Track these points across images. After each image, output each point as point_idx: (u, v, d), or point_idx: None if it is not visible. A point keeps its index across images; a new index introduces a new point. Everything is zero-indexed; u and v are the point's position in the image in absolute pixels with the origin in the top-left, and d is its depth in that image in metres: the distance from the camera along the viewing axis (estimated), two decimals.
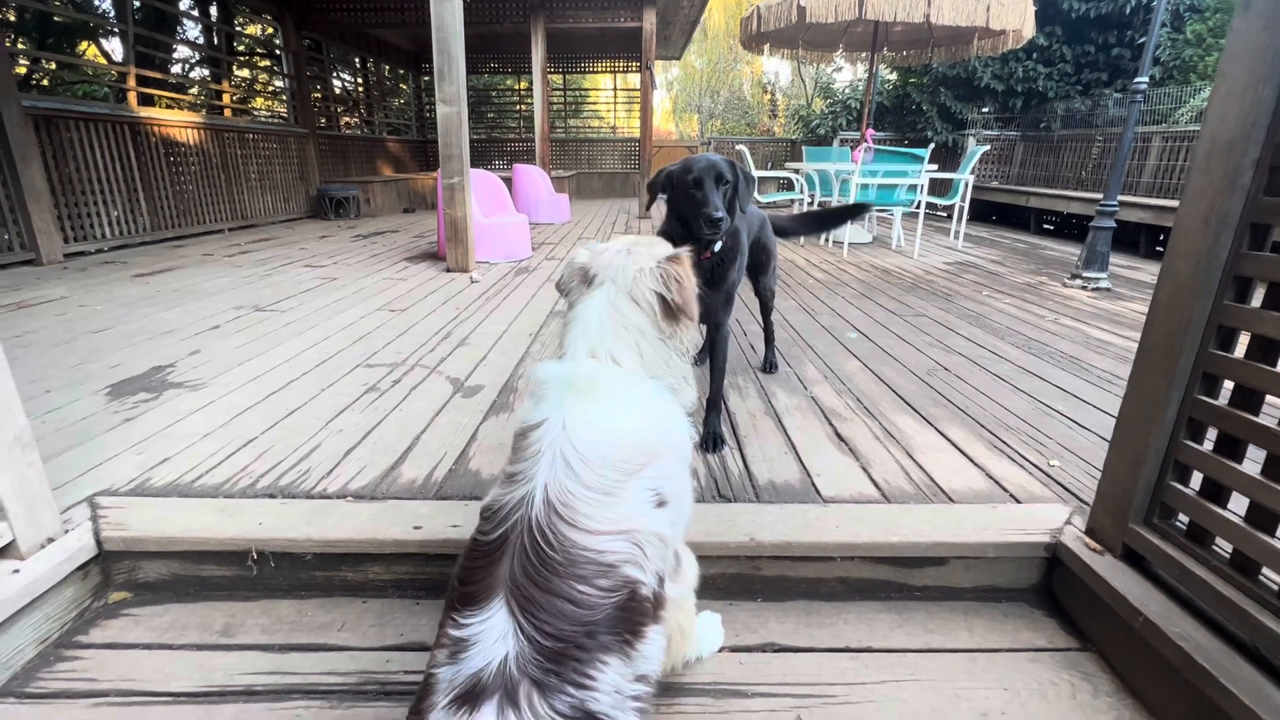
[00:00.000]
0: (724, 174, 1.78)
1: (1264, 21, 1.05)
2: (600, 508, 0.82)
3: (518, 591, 0.75)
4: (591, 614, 0.75)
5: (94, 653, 1.34)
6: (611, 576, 0.78)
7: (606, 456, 0.86)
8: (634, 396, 0.97)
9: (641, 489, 0.87)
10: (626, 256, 1.08)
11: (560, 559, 0.77)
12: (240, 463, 1.79)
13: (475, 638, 0.72)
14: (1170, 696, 1.16)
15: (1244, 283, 1.13)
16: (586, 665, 0.72)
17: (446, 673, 0.72)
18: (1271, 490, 1.05)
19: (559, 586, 0.75)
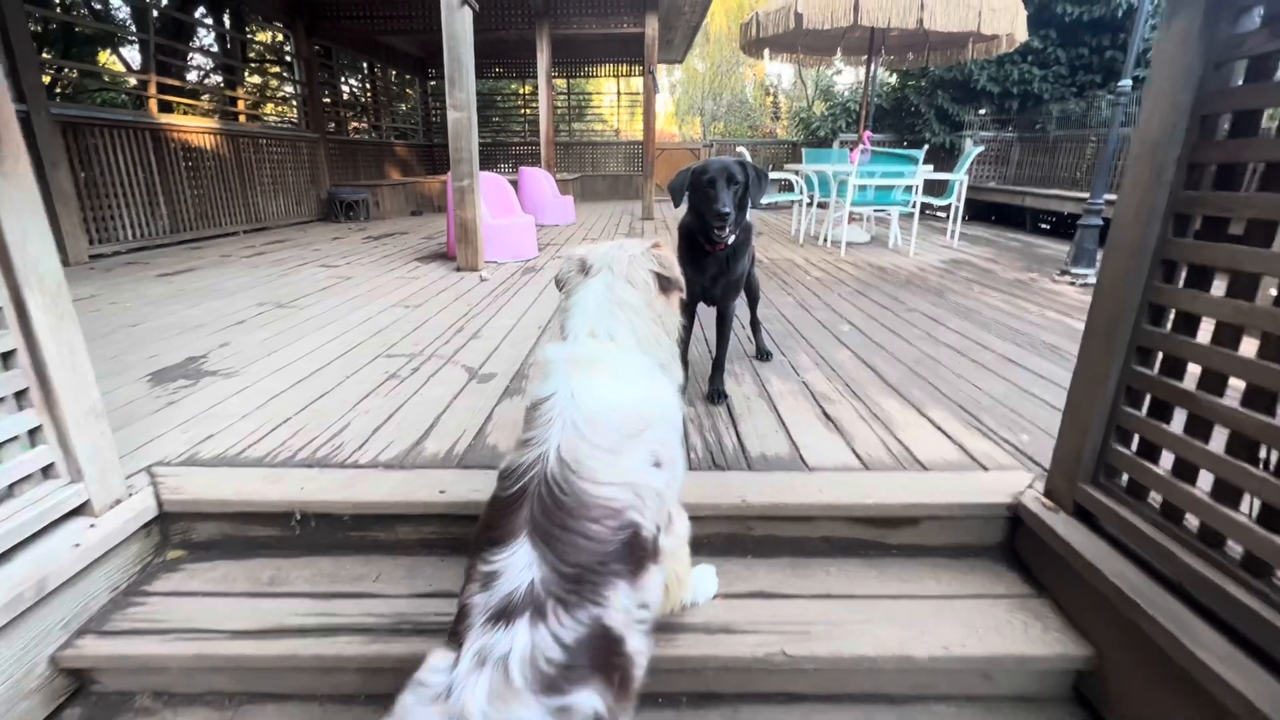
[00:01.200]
0: (735, 175, 2.00)
1: (1181, 39, 1.21)
2: (606, 463, 0.95)
3: (538, 530, 0.87)
4: (604, 547, 0.89)
5: (158, 599, 1.52)
6: (618, 519, 0.92)
7: (610, 421, 1.00)
8: (631, 371, 1.11)
9: (641, 450, 1.02)
10: (619, 249, 1.25)
11: (574, 504, 0.90)
12: (278, 439, 1.96)
13: (504, 569, 0.85)
14: (1106, 627, 1.32)
15: (1170, 266, 1.28)
16: (601, 588, 0.85)
17: (481, 599, 0.84)
18: (1192, 446, 1.21)
19: (575, 525, 0.89)
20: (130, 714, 1.39)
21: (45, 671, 1.35)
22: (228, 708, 1.40)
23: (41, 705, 1.35)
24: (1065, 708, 1.39)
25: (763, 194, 2.06)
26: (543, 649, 0.76)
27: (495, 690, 0.72)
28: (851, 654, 1.35)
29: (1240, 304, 1.13)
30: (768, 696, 1.40)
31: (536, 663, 0.75)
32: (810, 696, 1.40)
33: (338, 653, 1.36)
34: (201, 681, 1.43)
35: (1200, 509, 1.19)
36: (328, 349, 2.88)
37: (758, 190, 2.03)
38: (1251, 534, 1.09)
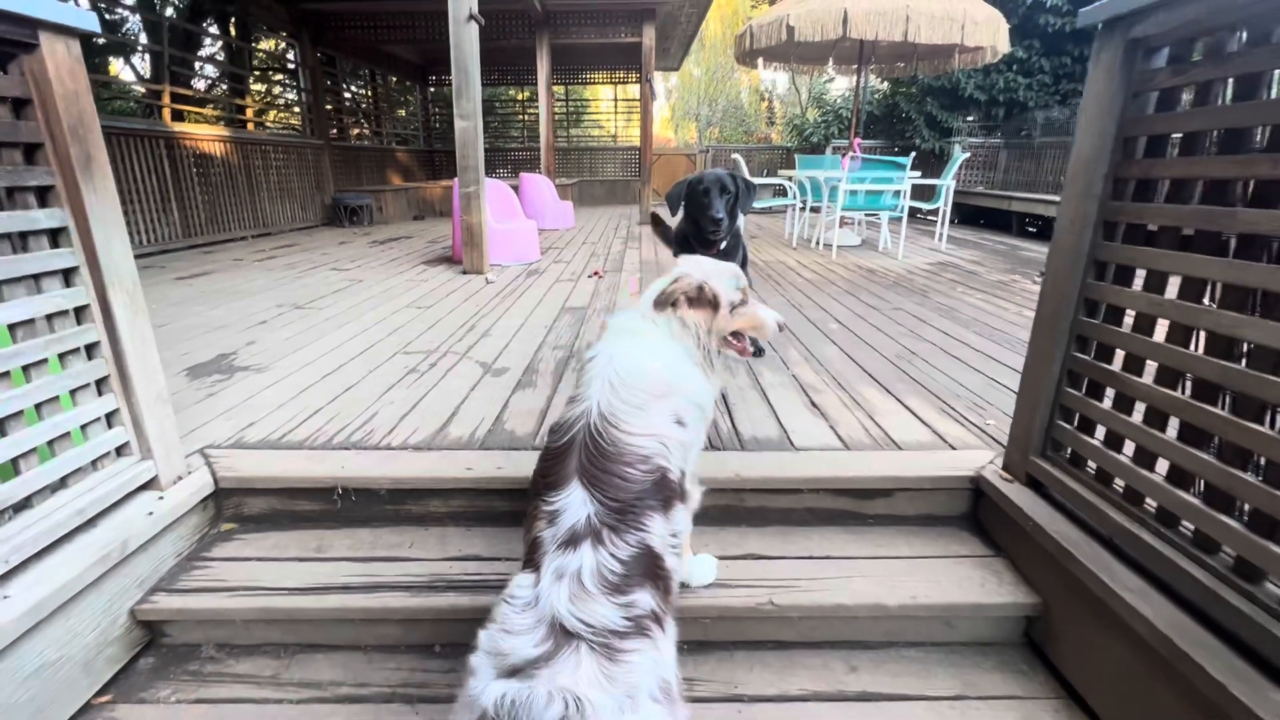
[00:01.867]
0: (727, 185, 2.24)
1: (1106, 71, 1.42)
2: (635, 417, 1.15)
3: (586, 474, 1.07)
4: (639, 486, 1.08)
5: (219, 563, 1.71)
6: (648, 463, 1.11)
7: (639, 383, 1.19)
8: (662, 347, 1.30)
9: (665, 409, 1.20)
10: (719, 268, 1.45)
11: (612, 451, 1.10)
12: (314, 426, 2.16)
13: (564, 507, 1.04)
14: (1050, 578, 1.52)
15: (1101, 266, 1.49)
16: (641, 517, 1.04)
17: (549, 532, 1.03)
18: (1117, 419, 1.42)
19: (614, 468, 1.08)
20: (197, 662, 1.58)
21: (126, 622, 1.54)
22: (284, 657, 1.59)
23: (122, 652, 1.54)
24: (1017, 651, 1.59)
25: (751, 203, 2.28)
26: (606, 564, 0.97)
27: (574, 594, 0.93)
28: (831, 603, 1.55)
29: (1153, 297, 1.34)
30: (758, 644, 1.60)
31: (602, 574, 0.96)
32: (796, 644, 1.61)
33: (382, 605, 1.55)
34: (259, 634, 1.62)
35: (1125, 473, 1.40)
36: (349, 346, 3.07)
37: (747, 200, 2.25)
38: (1164, 492, 1.30)
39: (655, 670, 0.92)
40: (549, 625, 0.90)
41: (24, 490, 1.38)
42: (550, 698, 0.80)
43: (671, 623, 1.04)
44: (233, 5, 7.95)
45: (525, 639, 0.90)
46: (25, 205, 1.37)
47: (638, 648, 0.91)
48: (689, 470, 1.27)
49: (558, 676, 0.84)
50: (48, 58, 1.35)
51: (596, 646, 0.88)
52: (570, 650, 0.87)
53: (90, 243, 1.48)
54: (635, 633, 0.92)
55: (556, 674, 0.85)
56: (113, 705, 1.45)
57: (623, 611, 0.93)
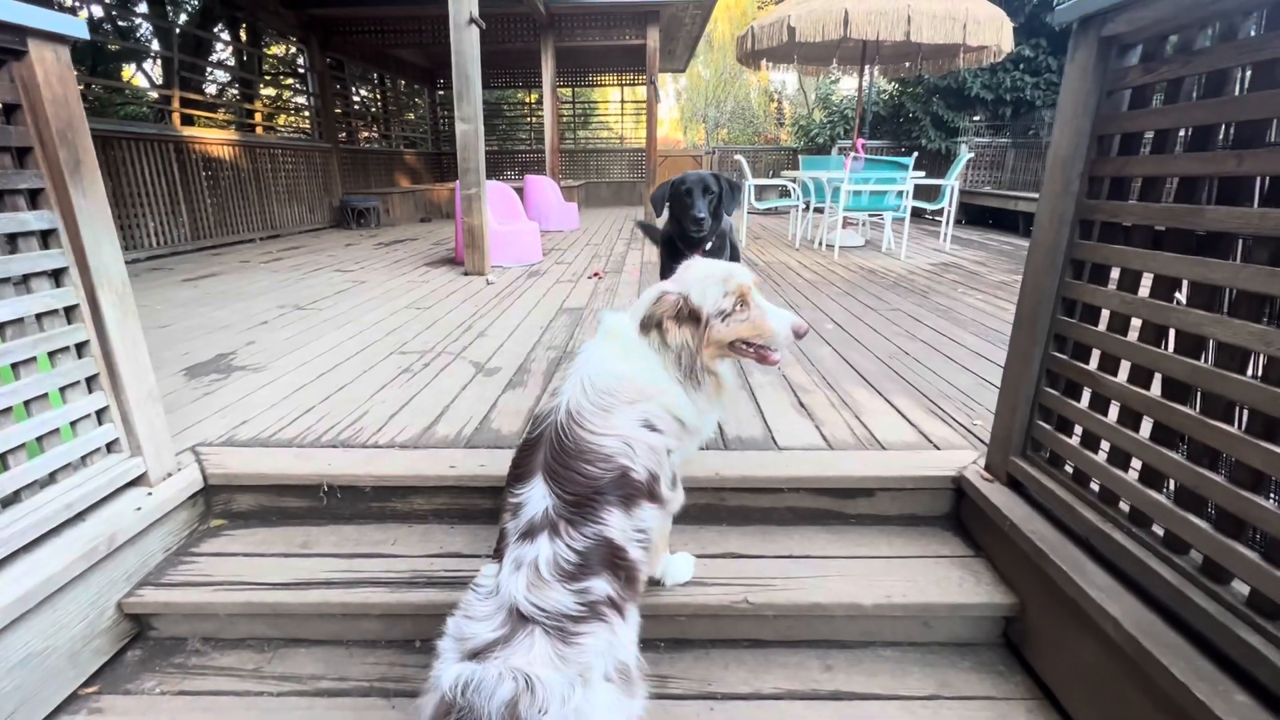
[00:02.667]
0: (710, 185, 2.24)
1: (1081, 70, 1.42)
2: (599, 418, 1.16)
3: (548, 469, 1.11)
4: (596, 482, 1.10)
5: (206, 559, 1.74)
6: (609, 461, 1.13)
7: (609, 387, 1.20)
8: (640, 355, 1.28)
9: (633, 413, 1.20)
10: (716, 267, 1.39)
11: (574, 449, 1.13)
12: (305, 424, 2.19)
13: (526, 500, 1.09)
14: (1027, 578, 1.51)
15: (1078, 265, 1.49)
16: (598, 511, 1.08)
17: (512, 524, 1.09)
18: (1093, 419, 1.41)
19: (574, 464, 1.11)
20: (182, 655, 1.61)
21: (113, 615, 1.57)
22: (267, 650, 1.62)
23: (110, 644, 1.57)
24: (994, 651, 1.58)
25: (735, 205, 2.29)
26: (561, 554, 1.01)
27: (531, 582, 0.98)
28: (807, 602, 1.55)
29: (1126, 296, 1.33)
30: (735, 642, 1.61)
31: (558, 563, 1.00)
32: (773, 642, 1.61)
33: (362, 600, 1.58)
34: (244, 628, 1.65)
35: (1100, 473, 1.39)
36: (346, 346, 3.11)
37: (730, 201, 2.25)
38: (1136, 492, 1.29)
39: (610, 652, 0.96)
40: (507, 611, 0.96)
41: (12, 485, 1.41)
42: (501, 677, 0.85)
43: (634, 610, 1.07)
44: (242, 11, 8.07)
45: (485, 624, 0.95)
46: (15, 207, 1.41)
47: (591, 630, 0.95)
48: (664, 475, 1.25)
49: (512, 657, 0.89)
50: (37, 64, 1.38)
51: (550, 630, 0.93)
52: (525, 634, 0.92)
53: (79, 244, 1.51)
54: (589, 616, 0.96)
55: (511, 655, 0.90)
56: (98, 696, 1.48)
57: (576, 597, 0.97)
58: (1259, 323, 1.04)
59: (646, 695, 1.02)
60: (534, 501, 1.08)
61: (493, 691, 0.84)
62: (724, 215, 2.31)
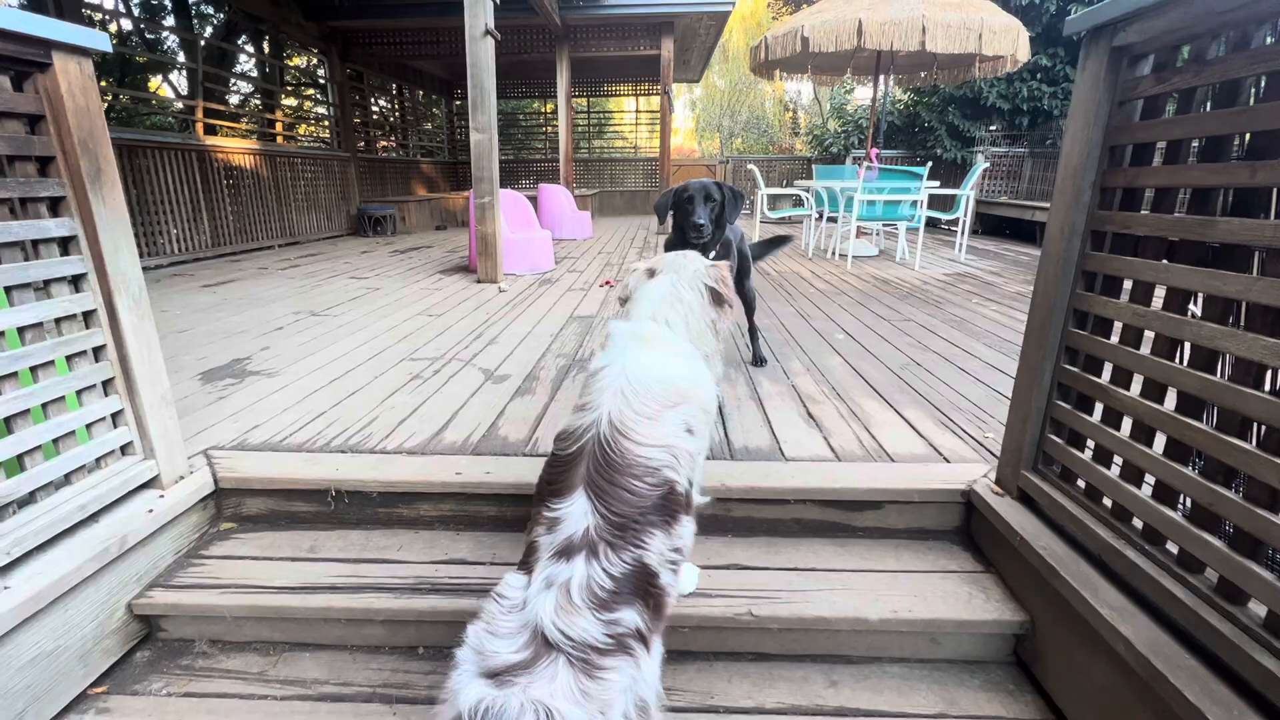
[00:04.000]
0: (712, 194, 2.25)
1: (1092, 80, 1.40)
2: (647, 427, 1.12)
3: (592, 485, 1.04)
4: (644, 501, 1.05)
5: (215, 561, 1.76)
6: (656, 476, 1.08)
7: (652, 392, 1.16)
8: (677, 353, 1.30)
9: (676, 418, 1.17)
10: (685, 259, 1.51)
11: (621, 462, 1.07)
12: (315, 429, 2.21)
13: (565, 516, 1.02)
14: (1038, 595, 1.48)
15: (1090, 276, 1.46)
16: (642, 534, 1.02)
17: (547, 539, 1.02)
18: (1105, 433, 1.39)
19: (621, 481, 1.05)
20: (189, 657, 1.63)
21: (123, 616, 1.59)
22: (272, 654, 1.63)
23: (119, 645, 1.59)
24: (1005, 670, 1.55)
25: (738, 213, 2.30)
26: (596, 579, 0.95)
27: (560, 605, 0.92)
28: (812, 615, 1.53)
29: (1138, 308, 1.31)
30: (738, 655, 1.59)
31: (592, 588, 0.94)
32: (777, 656, 1.59)
33: (366, 606, 1.58)
34: (250, 631, 1.66)
35: (1113, 489, 1.36)
36: (358, 352, 3.14)
37: (733, 209, 2.26)
38: (1150, 509, 1.26)
39: (632, 688, 0.91)
40: (531, 632, 0.91)
41: (28, 486, 1.44)
42: (523, 708, 0.81)
43: (658, 642, 1.01)
44: (265, 23, 8.25)
45: (507, 643, 0.90)
46: (37, 215, 1.45)
47: (617, 665, 0.90)
48: (696, 480, 1.24)
49: (532, 686, 0.85)
50: (60, 76, 1.42)
51: (575, 660, 0.88)
52: (549, 661, 0.88)
53: (98, 250, 1.55)
54: (617, 650, 0.91)
55: (532, 683, 0.85)
56: (106, 696, 1.50)
57: (606, 628, 0.92)
58: (1274, 337, 1.02)
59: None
60: (574, 519, 1.02)
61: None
62: (728, 224, 2.31)
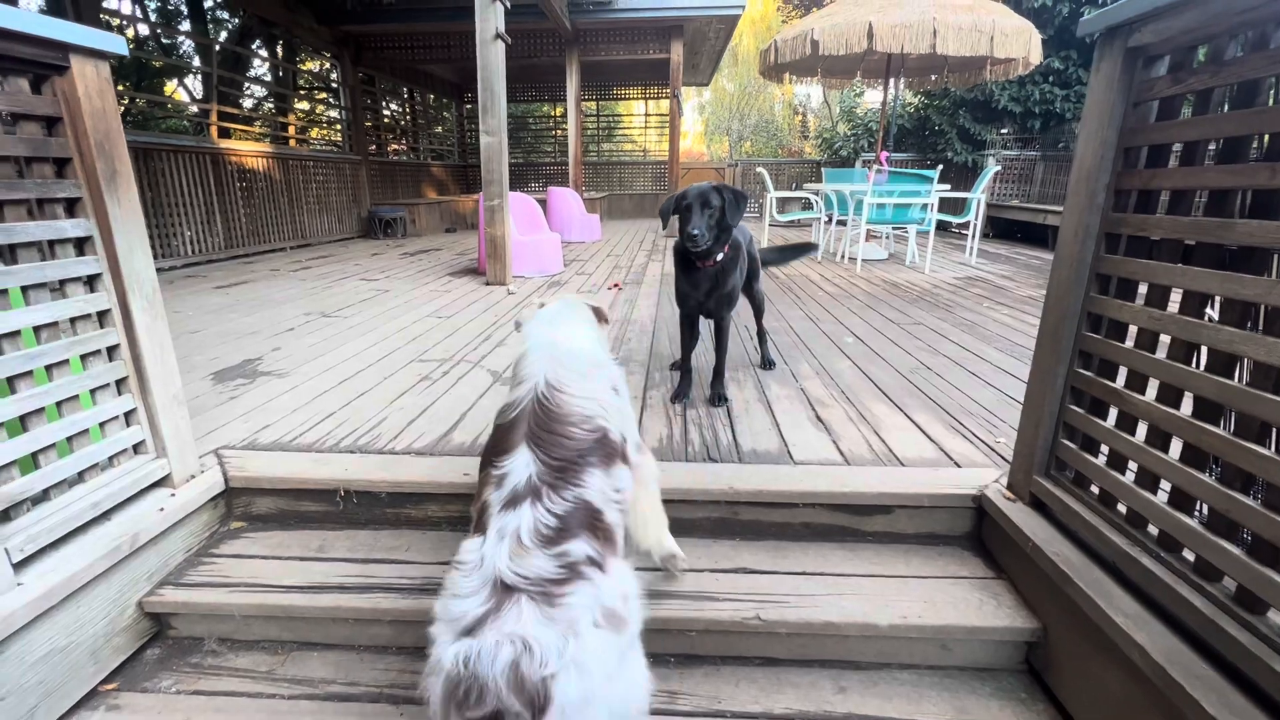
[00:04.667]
0: (710, 200, 2.23)
1: (1106, 82, 1.39)
2: (578, 383, 1.25)
3: (533, 437, 1.14)
4: (581, 444, 1.15)
5: (224, 560, 1.77)
6: (590, 423, 1.19)
7: (578, 357, 1.33)
8: (586, 334, 1.51)
9: (602, 376, 1.34)
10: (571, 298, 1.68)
11: (558, 412, 1.18)
12: (325, 429, 2.22)
13: (510, 470, 1.10)
14: (1051, 602, 1.46)
15: (1104, 279, 1.45)
16: (580, 474, 1.11)
17: (495, 495, 1.09)
18: (1120, 438, 1.37)
19: (558, 429, 1.16)
20: (199, 655, 1.64)
21: (134, 613, 1.61)
22: (280, 653, 1.64)
23: (130, 642, 1.60)
24: (1016, 677, 1.53)
25: (740, 215, 2.25)
26: (542, 520, 1.03)
27: (513, 552, 0.99)
28: (820, 620, 1.52)
29: (1153, 311, 1.29)
30: (746, 659, 1.58)
31: (539, 530, 1.01)
32: (785, 661, 1.58)
33: (373, 606, 1.59)
34: (258, 630, 1.67)
35: (1127, 495, 1.34)
36: (368, 354, 3.16)
37: (735, 213, 2.23)
38: (1166, 515, 1.25)
39: (594, 603, 0.98)
40: (492, 585, 0.96)
41: (42, 483, 1.45)
42: (499, 643, 0.88)
43: (614, 561, 1.08)
44: (279, 28, 8.34)
45: (473, 600, 0.95)
46: (53, 215, 1.47)
47: (573, 589, 0.97)
48: (630, 436, 1.34)
49: (504, 626, 0.91)
50: (78, 79, 1.44)
51: (535, 596, 0.95)
52: (512, 603, 0.94)
53: (113, 251, 1.57)
54: (571, 578, 0.98)
55: (502, 624, 0.91)
56: (117, 693, 1.51)
57: (557, 561, 0.99)
58: None
59: (637, 625, 1.06)
60: (517, 470, 1.10)
61: (494, 657, 0.86)
62: (732, 227, 2.27)
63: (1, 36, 1.29)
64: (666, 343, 3.40)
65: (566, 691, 0.87)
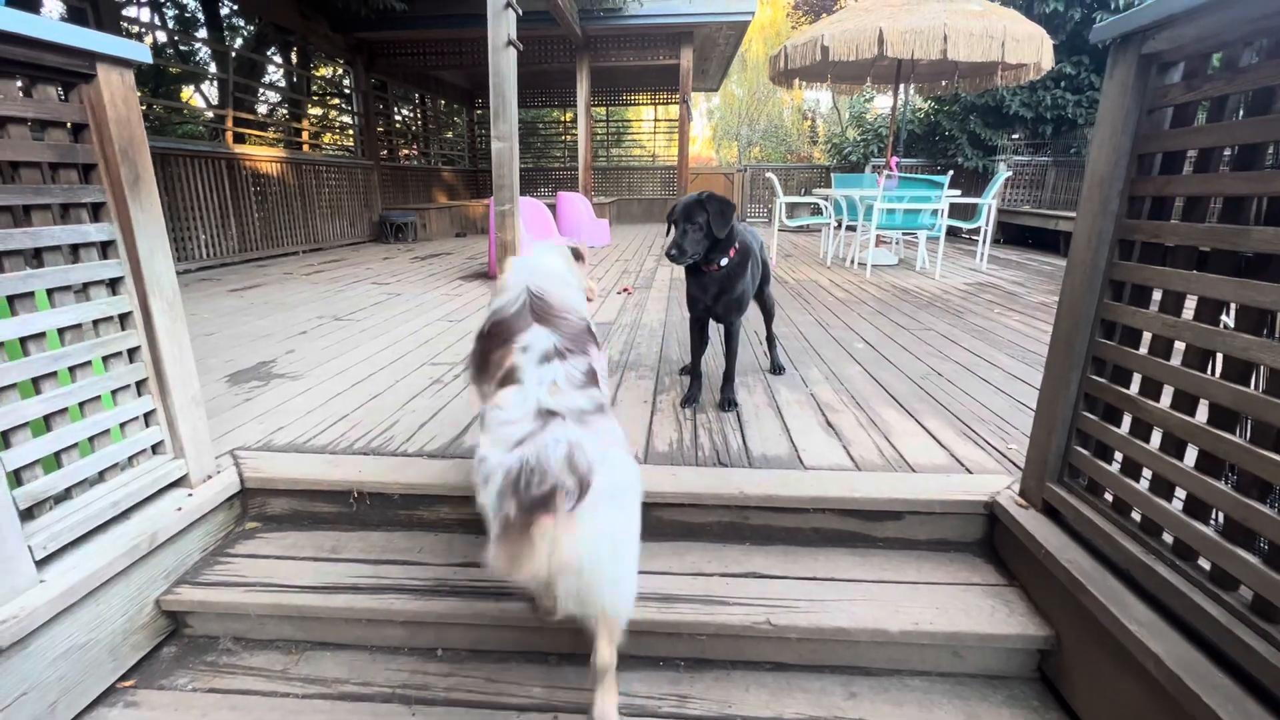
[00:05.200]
0: (693, 214, 2.26)
1: (1120, 88, 1.39)
2: (559, 289, 1.57)
3: (541, 319, 1.42)
4: (576, 328, 1.46)
5: (240, 559, 1.79)
6: (578, 314, 1.52)
7: (553, 275, 1.65)
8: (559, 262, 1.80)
9: (575, 287, 1.71)
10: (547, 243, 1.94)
11: (553, 304, 1.48)
12: (338, 431, 2.25)
13: (533, 341, 1.37)
14: (1064, 610, 1.46)
15: (1118, 286, 1.44)
16: (586, 347, 1.43)
17: (525, 358, 1.34)
18: (1134, 445, 1.36)
19: (556, 317, 1.45)
20: (214, 654, 1.66)
21: (152, 611, 1.63)
22: (294, 652, 1.66)
23: (147, 640, 1.63)
24: (1029, 685, 1.52)
25: (726, 224, 2.24)
26: (572, 373, 1.33)
27: (552, 391, 1.27)
28: (831, 625, 1.52)
29: (1167, 318, 1.28)
30: (756, 664, 1.58)
31: (571, 377, 1.31)
32: (795, 666, 1.58)
33: (387, 607, 1.60)
34: (273, 629, 1.69)
35: (1142, 502, 1.34)
36: (380, 357, 3.19)
37: (720, 223, 2.22)
38: (1181, 524, 1.24)
39: (615, 430, 1.30)
40: (537, 412, 1.23)
41: (64, 482, 1.48)
42: (557, 441, 1.14)
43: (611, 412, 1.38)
44: (294, 35, 8.46)
45: (522, 424, 1.20)
46: (79, 220, 1.50)
47: (600, 418, 1.28)
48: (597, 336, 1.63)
49: (556, 432, 1.16)
50: (104, 86, 1.48)
51: (573, 419, 1.22)
52: (557, 421, 1.21)
53: (135, 254, 1.60)
54: (597, 411, 1.29)
55: (554, 431, 1.17)
56: (134, 690, 1.53)
57: (586, 398, 1.29)
58: None
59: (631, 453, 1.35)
60: (541, 340, 1.37)
61: (552, 450, 1.11)
62: (719, 237, 2.25)
63: (32, 46, 1.32)
64: (676, 347, 3.41)
65: (603, 476, 1.13)
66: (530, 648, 1.62)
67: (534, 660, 1.60)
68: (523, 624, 1.58)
